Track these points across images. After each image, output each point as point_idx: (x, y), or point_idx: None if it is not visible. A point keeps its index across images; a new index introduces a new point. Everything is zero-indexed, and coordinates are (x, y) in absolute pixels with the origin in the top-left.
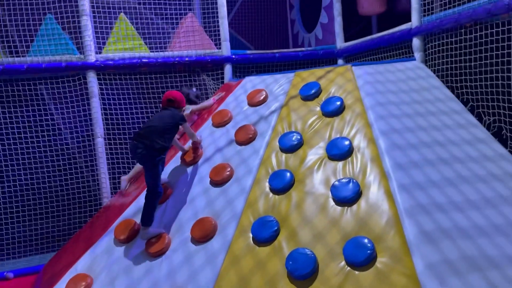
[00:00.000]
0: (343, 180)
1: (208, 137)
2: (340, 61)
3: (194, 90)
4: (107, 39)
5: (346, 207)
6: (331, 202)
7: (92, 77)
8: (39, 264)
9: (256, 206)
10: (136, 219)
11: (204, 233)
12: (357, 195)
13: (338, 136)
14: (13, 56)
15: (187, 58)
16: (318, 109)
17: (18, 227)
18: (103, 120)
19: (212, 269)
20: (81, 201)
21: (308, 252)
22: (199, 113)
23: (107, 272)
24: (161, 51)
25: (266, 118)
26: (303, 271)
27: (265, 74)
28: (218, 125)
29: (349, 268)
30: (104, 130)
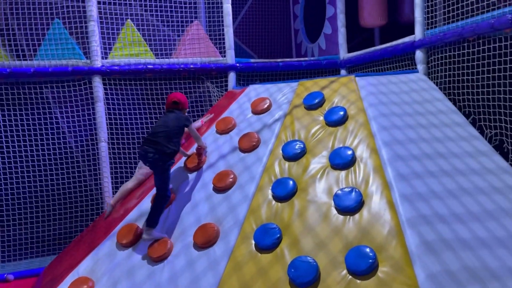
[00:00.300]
0: (346, 189)
1: (212, 144)
2: (343, 72)
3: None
4: (113, 45)
5: (348, 216)
6: (334, 211)
7: (97, 82)
8: (40, 267)
9: (259, 213)
10: (138, 223)
11: (206, 239)
12: (360, 204)
13: (341, 145)
14: (20, 60)
15: (192, 65)
16: (322, 118)
17: (20, 229)
18: (107, 125)
19: (214, 275)
20: (83, 204)
21: (310, 260)
22: (186, 136)
23: (109, 275)
24: (166, 57)
25: (270, 126)
26: (305, 278)
27: (269, 83)
28: (222, 132)
29: (350, 276)
30: (108, 135)
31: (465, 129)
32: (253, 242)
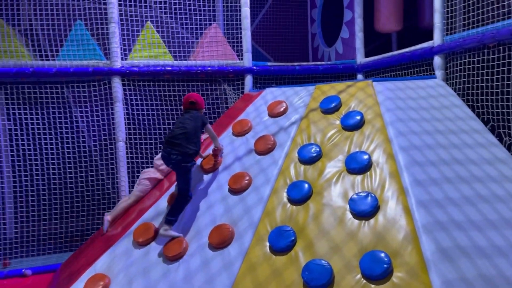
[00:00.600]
0: (362, 194)
1: (228, 146)
2: (359, 76)
3: None
4: (133, 46)
5: (363, 221)
6: (349, 215)
7: (117, 82)
8: (57, 263)
9: (274, 215)
10: (155, 222)
11: (221, 239)
12: (375, 209)
13: (357, 150)
14: (43, 60)
15: (209, 68)
16: (338, 122)
17: (38, 225)
18: (125, 125)
19: (229, 276)
20: (100, 203)
21: (324, 263)
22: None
23: (125, 273)
24: (184, 59)
25: (286, 129)
26: (319, 281)
27: (285, 86)
28: (238, 134)
29: (365, 281)
30: (126, 135)
31: (484, 136)
32: (267, 244)
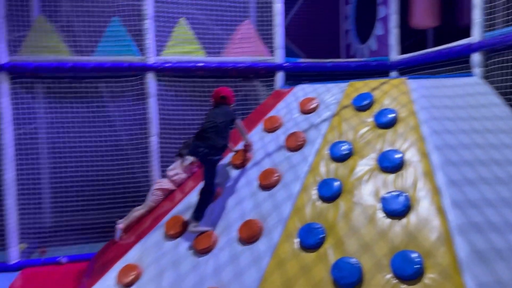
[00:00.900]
0: (394, 193)
1: (258, 142)
2: (393, 74)
3: None
4: (166, 43)
5: (395, 220)
6: (380, 214)
7: (150, 78)
8: (90, 252)
9: (303, 212)
10: (185, 216)
11: (250, 234)
12: (407, 208)
13: (390, 148)
14: (80, 55)
15: (241, 64)
16: (371, 120)
17: (74, 215)
18: (158, 120)
19: (257, 270)
20: (132, 195)
21: (354, 262)
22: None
23: (155, 264)
24: (216, 56)
25: (317, 126)
26: (349, 280)
27: (317, 83)
28: (269, 130)
29: (396, 281)
30: (158, 130)
31: None
32: (296, 240)
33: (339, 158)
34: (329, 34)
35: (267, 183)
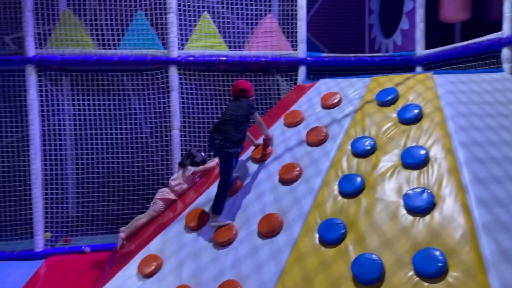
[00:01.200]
0: (417, 190)
1: (279, 136)
2: (418, 69)
3: (202, 154)
4: (189, 36)
5: (418, 217)
6: (403, 210)
7: (173, 71)
8: (113, 242)
9: (324, 207)
10: (206, 208)
11: (270, 228)
12: (431, 205)
13: (414, 144)
14: (105, 49)
15: (263, 58)
16: (395, 115)
17: (98, 206)
18: (180, 113)
19: (277, 264)
20: (154, 187)
21: (375, 258)
22: (201, 174)
23: (176, 255)
24: (239, 50)
25: (339, 121)
26: (370, 276)
27: (340, 78)
28: (290, 125)
29: (417, 278)
30: (180, 123)
31: None
32: (317, 235)
33: (361, 153)
34: (353, 28)
35: (288, 178)
